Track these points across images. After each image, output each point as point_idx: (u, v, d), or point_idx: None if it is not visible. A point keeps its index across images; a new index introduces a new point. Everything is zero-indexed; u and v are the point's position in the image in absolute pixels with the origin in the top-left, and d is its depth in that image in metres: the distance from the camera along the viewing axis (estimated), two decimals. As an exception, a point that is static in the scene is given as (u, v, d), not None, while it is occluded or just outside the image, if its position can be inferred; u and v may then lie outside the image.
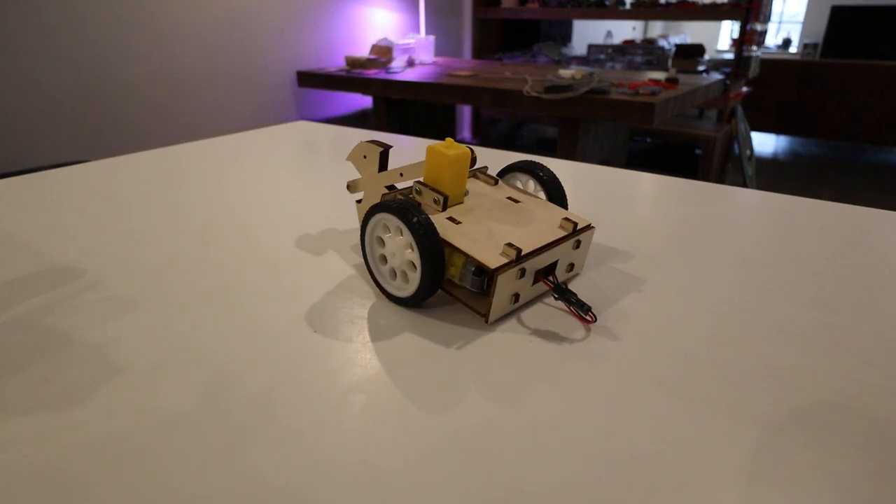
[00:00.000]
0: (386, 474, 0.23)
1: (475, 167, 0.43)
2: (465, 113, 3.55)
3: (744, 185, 2.77)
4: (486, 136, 3.57)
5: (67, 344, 0.32)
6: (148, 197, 0.57)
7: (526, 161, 0.43)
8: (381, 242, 0.36)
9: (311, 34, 2.53)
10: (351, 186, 0.43)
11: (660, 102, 1.66)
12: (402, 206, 0.33)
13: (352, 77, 2.28)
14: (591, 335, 0.33)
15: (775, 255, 0.44)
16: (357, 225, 0.50)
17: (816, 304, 0.37)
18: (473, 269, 0.33)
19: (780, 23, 7.46)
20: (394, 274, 0.36)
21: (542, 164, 0.43)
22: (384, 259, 0.37)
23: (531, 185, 0.44)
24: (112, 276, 0.40)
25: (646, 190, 0.60)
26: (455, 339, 0.33)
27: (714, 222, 0.51)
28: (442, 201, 0.37)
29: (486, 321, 0.34)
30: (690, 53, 3.65)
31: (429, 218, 0.33)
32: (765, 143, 4.23)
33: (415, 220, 0.32)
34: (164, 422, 0.26)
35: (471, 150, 0.38)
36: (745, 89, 3.17)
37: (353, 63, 2.41)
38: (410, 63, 2.59)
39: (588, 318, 0.34)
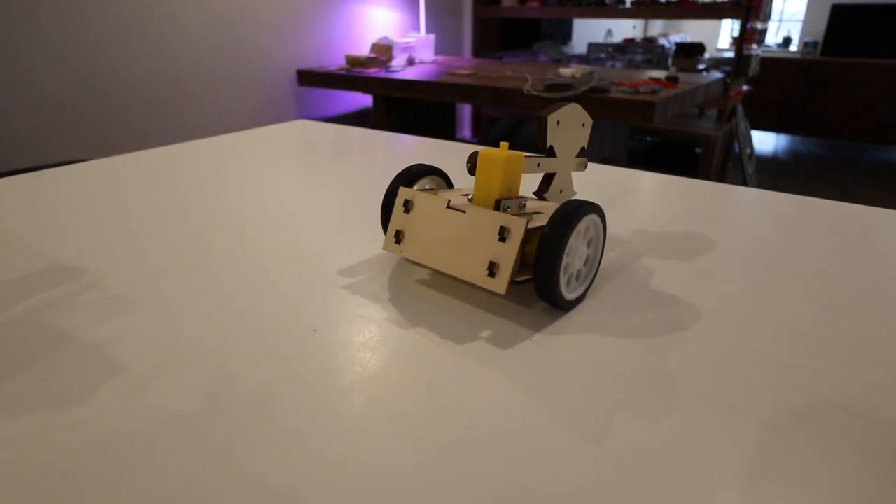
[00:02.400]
0: (386, 474, 0.23)
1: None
2: (466, 112, 3.55)
3: (744, 183, 2.77)
4: (486, 134, 3.57)
5: (67, 343, 0.32)
6: (148, 196, 0.57)
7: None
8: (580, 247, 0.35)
9: (312, 33, 2.53)
10: (538, 166, 0.41)
11: (660, 101, 1.66)
12: (589, 205, 0.34)
13: (352, 76, 2.28)
14: (590, 334, 0.33)
15: (775, 254, 0.44)
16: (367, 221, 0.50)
17: (817, 302, 0.37)
18: None
19: (780, 21, 7.46)
20: (576, 276, 0.36)
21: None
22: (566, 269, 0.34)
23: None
24: (112, 275, 0.40)
25: (646, 189, 0.60)
26: (456, 338, 0.33)
27: (714, 221, 0.51)
28: (526, 203, 0.39)
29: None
30: (691, 52, 3.65)
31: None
32: (765, 141, 4.23)
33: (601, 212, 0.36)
34: (164, 421, 0.26)
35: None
36: (745, 88, 3.16)
37: (354, 62, 2.41)
38: (411, 62, 2.59)
39: None
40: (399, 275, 0.41)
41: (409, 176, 0.41)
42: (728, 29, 7.54)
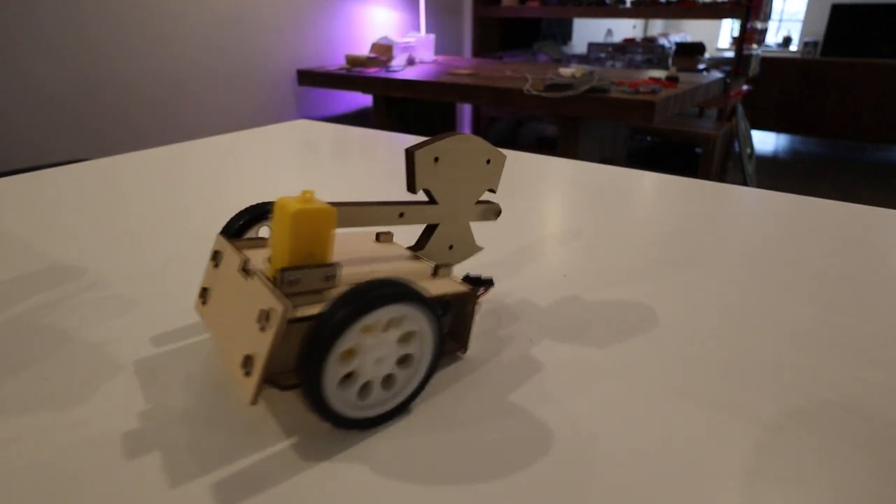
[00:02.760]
0: (386, 473, 0.23)
1: None
2: (466, 111, 3.55)
3: (744, 183, 2.77)
4: (486, 134, 3.57)
5: (67, 343, 0.32)
6: (148, 196, 0.57)
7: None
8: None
9: (312, 33, 2.53)
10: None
11: (660, 101, 1.66)
12: (397, 286, 0.24)
13: (352, 76, 2.28)
14: (591, 334, 0.33)
15: (775, 254, 0.44)
16: None
17: (817, 302, 0.37)
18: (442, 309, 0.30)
19: (780, 21, 7.45)
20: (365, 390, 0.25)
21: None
22: (350, 378, 0.24)
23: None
24: (112, 274, 0.40)
25: (646, 189, 0.60)
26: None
27: (714, 221, 0.51)
28: (336, 273, 0.27)
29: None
30: (691, 52, 3.65)
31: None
32: (765, 141, 4.23)
33: (415, 293, 0.25)
34: (164, 420, 0.26)
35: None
36: (745, 88, 3.16)
37: (354, 62, 2.41)
38: (411, 62, 2.59)
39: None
40: (399, 274, 0.41)
41: (250, 215, 0.31)
42: (728, 29, 7.54)
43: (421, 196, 0.42)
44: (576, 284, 0.39)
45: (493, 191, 0.35)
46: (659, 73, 2.22)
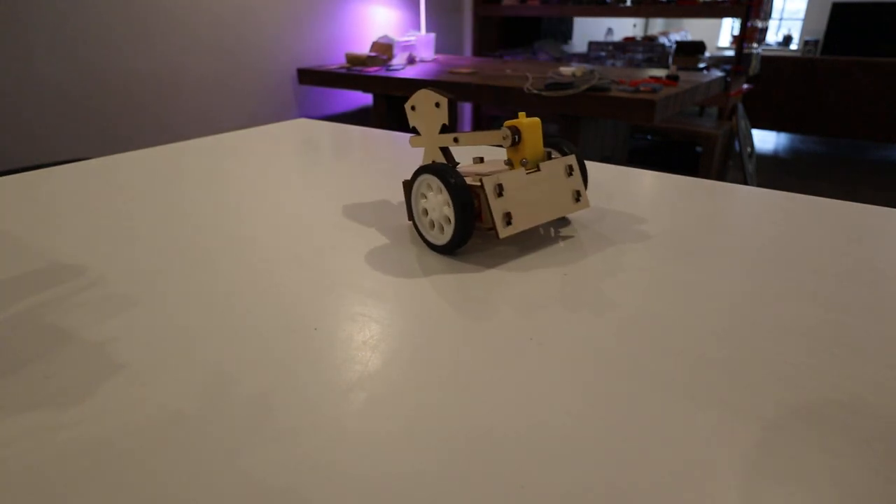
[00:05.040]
0: (386, 473, 0.23)
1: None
2: (466, 110, 3.55)
3: (744, 182, 2.77)
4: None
5: (67, 341, 0.32)
6: (148, 194, 0.57)
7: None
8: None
9: (312, 32, 2.53)
10: (413, 141, 0.51)
11: (660, 100, 1.66)
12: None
13: (352, 74, 2.28)
14: (588, 331, 0.33)
15: (776, 253, 0.44)
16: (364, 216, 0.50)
17: (817, 301, 0.37)
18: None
19: (780, 20, 7.45)
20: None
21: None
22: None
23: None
24: (112, 273, 0.40)
25: (646, 187, 0.60)
26: (455, 337, 0.33)
27: (715, 220, 0.51)
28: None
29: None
30: (691, 51, 3.64)
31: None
32: (766, 140, 4.22)
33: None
34: (165, 420, 0.26)
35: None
36: (745, 86, 3.16)
37: (354, 60, 2.41)
38: (411, 60, 2.59)
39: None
40: (399, 273, 0.41)
41: (449, 171, 0.42)
42: (728, 27, 7.53)
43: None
44: (576, 283, 0.39)
45: (445, 125, 0.48)
46: (659, 72, 2.22)
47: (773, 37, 7.33)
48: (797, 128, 3.97)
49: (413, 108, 0.49)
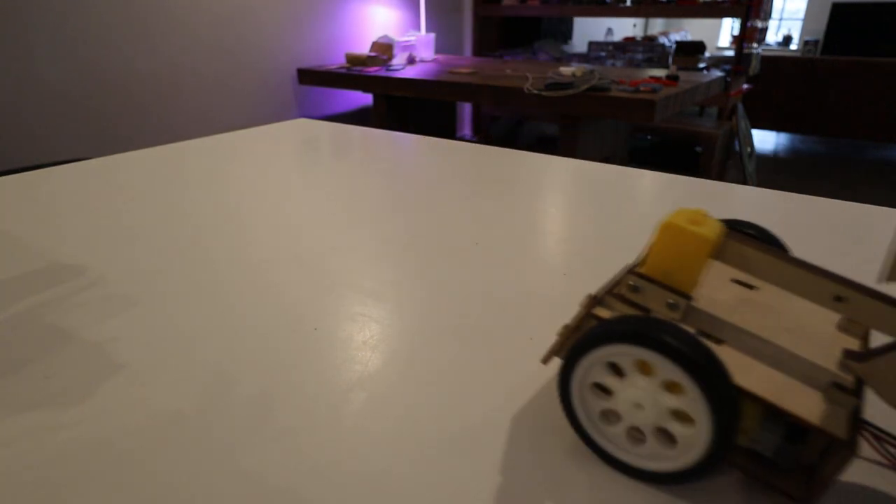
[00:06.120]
0: (386, 473, 0.23)
1: None
2: (466, 110, 3.55)
3: (744, 182, 2.77)
4: (486, 133, 3.57)
5: (67, 341, 0.32)
6: (148, 195, 0.57)
7: (749, 225, 0.30)
8: (603, 390, 0.23)
9: (312, 32, 2.53)
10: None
11: (660, 100, 1.66)
12: (644, 324, 0.21)
13: (352, 74, 2.28)
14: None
15: (776, 253, 0.44)
16: None
17: (818, 301, 0.37)
18: (781, 428, 0.21)
19: (780, 20, 7.45)
20: (637, 436, 0.23)
21: (768, 233, 0.30)
22: (613, 416, 0.23)
23: None
24: (112, 273, 0.40)
25: (646, 187, 0.60)
26: (456, 337, 0.33)
27: (715, 220, 0.51)
28: (683, 306, 0.24)
29: None
30: (691, 51, 3.64)
31: (703, 343, 0.20)
32: (765, 140, 4.22)
33: (684, 348, 0.20)
34: (164, 419, 0.26)
35: (725, 223, 0.27)
36: (745, 86, 3.16)
37: (354, 60, 2.41)
38: (411, 60, 2.59)
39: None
40: (399, 273, 0.41)
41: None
42: (728, 27, 7.54)
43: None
44: (576, 283, 0.39)
45: None
46: (659, 72, 2.22)
47: (773, 37, 7.33)
48: (797, 128, 3.97)
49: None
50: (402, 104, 2.62)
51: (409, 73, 2.25)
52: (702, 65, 3.53)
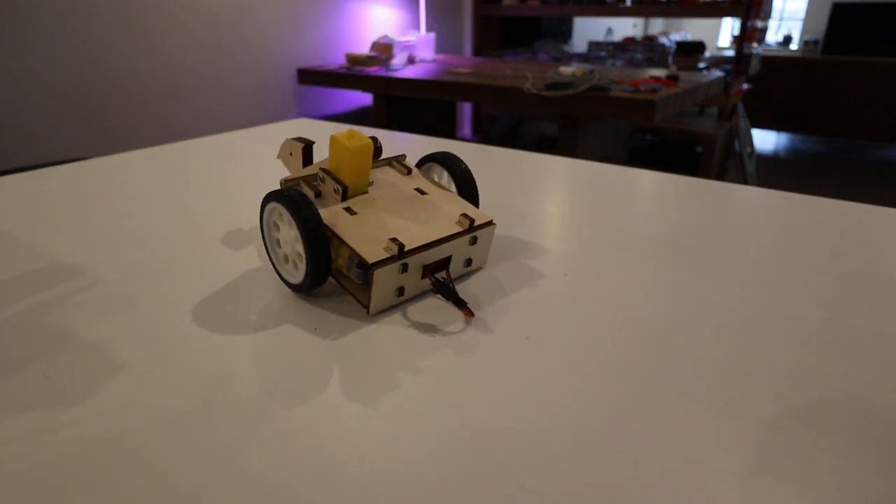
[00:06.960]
0: (386, 473, 0.23)
1: (393, 156, 0.44)
2: (466, 110, 3.55)
3: (744, 182, 2.77)
4: (486, 133, 3.57)
5: (67, 341, 0.32)
6: (148, 194, 0.57)
7: (442, 153, 0.43)
8: (277, 228, 0.37)
9: (312, 32, 2.53)
10: (282, 183, 0.41)
11: (660, 100, 1.66)
12: (293, 198, 0.33)
13: (352, 74, 2.28)
14: (591, 333, 0.33)
15: (776, 253, 0.44)
16: None
17: (817, 301, 0.37)
18: (357, 261, 0.34)
19: (780, 20, 7.45)
20: (286, 259, 0.37)
21: (457, 158, 0.43)
22: (279, 244, 0.37)
23: (446, 177, 0.44)
24: (112, 273, 0.40)
25: (646, 187, 0.60)
26: (456, 337, 0.33)
27: (714, 219, 0.51)
28: (341, 191, 0.37)
29: (367, 313, 0.35)
30: (691, 50, 3.64)
31: (317, 214, 0.33)
32: (765, 140, 4.22)
33: (303, 214, 0.33)
34: (164, 420, 0.26)
35: (374, 139, 0.39)
36: (745, 86, 3.16)
37: (354, 60, 2.41)
38: (411, 60, 2.59)
39: (465, 312, 0.34)
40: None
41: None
42: (728, 27, 7.53)
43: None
44: (576, 283, 0.39)
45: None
46: (659, 72, 2.22)
47: (773, 37, 7.33)
48: (797, 128, 3.97)
49: (290, 153, 0.43)
50: (401, 104, 2.62)
51: (409, 73, 2.25)
52: (702, 65, 3.53)
